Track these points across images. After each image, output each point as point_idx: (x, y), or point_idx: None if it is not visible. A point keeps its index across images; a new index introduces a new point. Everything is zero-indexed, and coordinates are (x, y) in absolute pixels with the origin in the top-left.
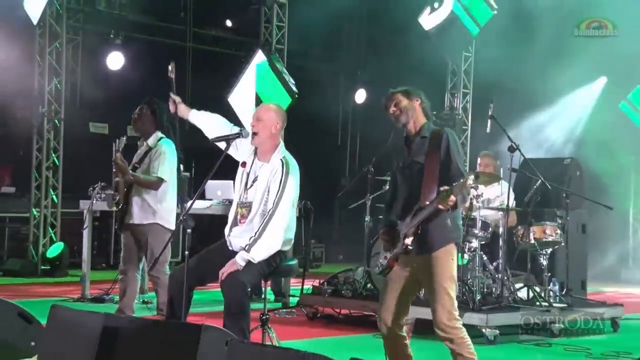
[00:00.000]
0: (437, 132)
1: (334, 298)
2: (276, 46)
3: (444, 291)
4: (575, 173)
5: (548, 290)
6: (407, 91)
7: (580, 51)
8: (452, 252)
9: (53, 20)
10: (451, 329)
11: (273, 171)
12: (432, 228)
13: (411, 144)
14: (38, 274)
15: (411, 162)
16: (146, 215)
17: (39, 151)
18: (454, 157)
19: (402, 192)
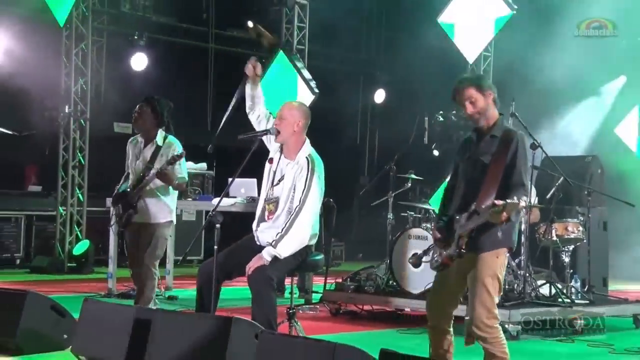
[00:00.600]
0: (508, 135)
1: (357, 294)
2: (297, 47)
3: (485, 289)
4: (596, 170)
5: (570, 287)
6: (481, 84)
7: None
8: (500, 255)
9: (79, 22)
10: (488, 327)
11: (299, 169)
12: (484, 230)
13: (480, 140)
14: (65, 271)
15: (476, 159)
16: (164, 215)
17: (65, 150)
18: (519, 165)
19: (461, 186)
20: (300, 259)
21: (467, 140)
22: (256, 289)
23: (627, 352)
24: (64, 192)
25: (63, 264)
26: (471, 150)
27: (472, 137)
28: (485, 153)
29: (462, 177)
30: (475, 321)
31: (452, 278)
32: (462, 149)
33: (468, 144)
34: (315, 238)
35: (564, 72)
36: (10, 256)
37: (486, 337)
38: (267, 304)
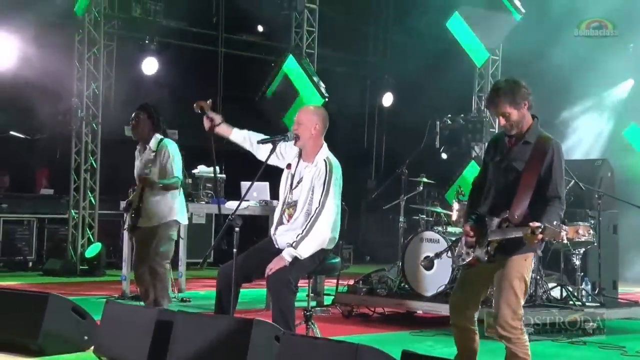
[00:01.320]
0: (543, 142)
1: (369, 297)
2: (306, 50)
3: (512, 290)
4: (606, 174)
5: (581, 289)
6: (515, 99)
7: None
8: (528, 258)
9: (91, 27)
10: (512, 328)
11: (317, 171)
12: (518, 238)
13: (513, 145)
14: (77, 273)
15: (508, 165)
16: (163, 216)
17: (78, 154)
18: (556, 177)
19: (493, 189)
20: (318, 261)
21: (497, 140)
22: (275, 292)
23: (638, 354)
24: (76, 196)
25: (75, 266)
26: (503, 154)
27: (504, 139)
28: (518, 159)
29: (493, 180)
30: (500, 321)
31: (476, 279)
32: (493, 149)
33: (499, 145)
34: (333, 242)
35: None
36: (23, 259)
37: (510, 338)
38: (285, 307)
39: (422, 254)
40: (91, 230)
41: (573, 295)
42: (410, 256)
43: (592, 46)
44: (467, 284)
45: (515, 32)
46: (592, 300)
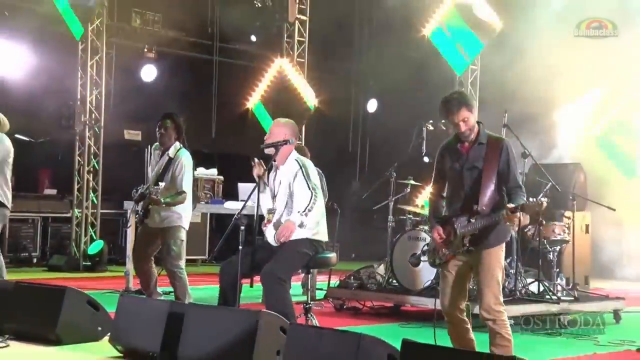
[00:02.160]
0: (495, 141)
1: (360, 291)
2: (297, 59)
3: (494, 279)
4: (579, 177)
5: (556, 284)
6: (469, 104)
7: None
8: (502, 249)
9: (94, 36)
10: (496, 311)
11: (291, 170)
12: (489, 230)
13: (469, 149)
14: (80, 269)
15: (471, 166)
16: (171, 220)
17: (81, 156)
18: (513, 169)
19: (459, 192)
20: (311, 254)
21: (447, 149)
22: (268, 288)
23: (610, 344)
24: (79, 196)
25: (78, 262)
26: (462, 159)
27: (455, 147)
28: (477, 159)
29: (459, 184)
30: (484, 306)
31: (457, 274)
32: (447, 157)
33: (452, 152)
34: (325, 235)
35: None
36: (28, 255)
37: (495, 319)
38: (279, 300)
39: (409, 251)
40: (93, 229)
41: (549, 290)
42: (399, 253)
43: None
44: (450, 281)
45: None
46: (566, 295)
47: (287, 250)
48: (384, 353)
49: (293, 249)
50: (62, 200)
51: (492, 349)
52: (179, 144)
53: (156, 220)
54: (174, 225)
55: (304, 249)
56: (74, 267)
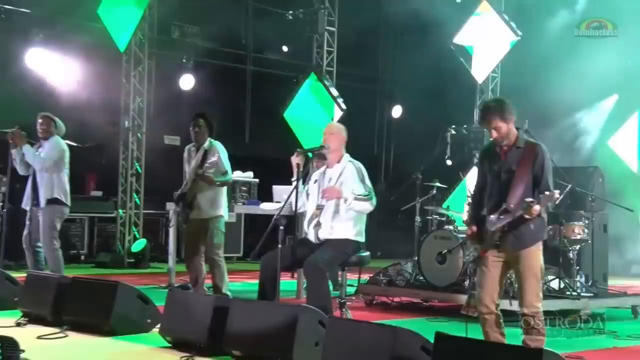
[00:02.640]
0: (531, 146)
1: (389, 287)
2: (326, 68)
3: (534, 277)
4: (597, 180)
5: (576, 281)
6: (504, 115)
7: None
8: (540, 247)
9: (137, 48)
10: (535, 307)
11: (346, 169)
12: (524, 229)
13: (507, 153)
14: (124, 265)
15: (507, 169)
16: (213, 210)
17: (125, 160)
18: (546, 173)
19: (494, 192)
20: (349, 253)
21: (487, 152)
22: (311, 279)
23: (629, 338)
24: (123, 197)
25: (123, 259)
26: (499, 162)
27: (495, 150)
28: (513, 163)
29: (494, 185)
30: (526, 303)
31: (493, 269)
32: (487, 160)
33: (491, 156)
34: (363, 235)
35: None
36: (76, 252)
37: (534, 315)
38: (320, 293)
39: (435, 250)
40: (136, 228)
41: (569, 286)
42: (426, 252)
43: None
44: (487, 278)
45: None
46: (586, 291)
47: (330, 247)
48: (418, 345)
49: (335, 247)
50: (107, 202)
51: (526, 342)
52: (211, 138)
53: (200, 210)
54: (215, 215)
55: (344, 248)
56: (119, 264)
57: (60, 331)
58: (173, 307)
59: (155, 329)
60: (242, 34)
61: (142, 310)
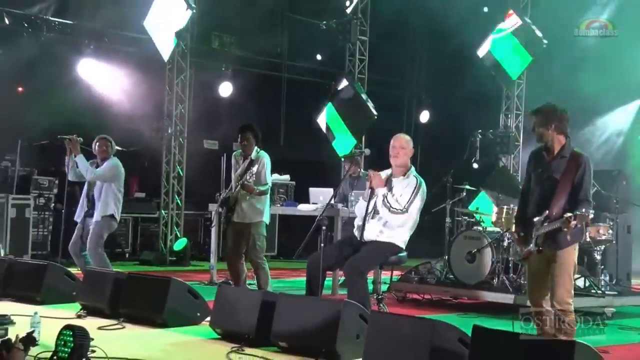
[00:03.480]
0: (576, 156)
1: (420, 285)
2: (358, 76)
3: (567, 276)
4: (621, 182)
5: (601, 280)
6: (545, 119)
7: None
8: (575, 249)
9: (179, 57)
10: (567, 304)
11: (408, 182)
12: (560, 232)
13: (552, 160)
14: (167, 263)
15: (549, 176)
16: (255, 215)
17: (167, 164)
18: (586, 185)
19: (536, 192)
20: (388, 255)
21: (536, 155)
22: (350, 279)
23: None
24: (165, 199)
25: (165, 257)
26: (544, 167)
27: (542, 154)
28: (557, 171)
29: (537, 186)
30: (557, 299)
31: (536, 268)
32: (534, 162)
33: (539, 159)
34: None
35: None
36: (122, 250)
37: (566, 311)
38: (358, 290)
39: (465, 249)
40: (178, 228)
41: (594, 285)
42: (455, 251)
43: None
44: (536, 276)
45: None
46: (610, 290)
47: (371, 249)
48: (456, 337)
49: (376, 249)
50: (150, 203)
51: (557, 335)
52: (259, 149)
53: (242, 215)
54: (257, 220)
55: (385, 251)
56: (162, 262)
57: (118, 323)
58: (223, 302)
59: (204, 322)
60: (278, 43)
61: (192, 304)
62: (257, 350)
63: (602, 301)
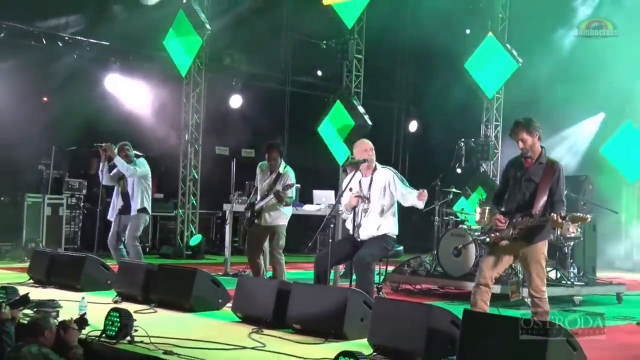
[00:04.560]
0: (552, 163)
1: (412, 276)
2: (355, 90)
3: (540, 266)
4: (588, 187)
5: (570, 272)
6: (529, 129)
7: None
8: (546, 244)
9: (195, 73)
10: (541, 292)
11: (385, 177)
12: (536, 230)
13: (530, 166)
14: (183, 257)
15: (528, 178)
16: (280, 219)
17: (184, 168)
18: (560, 187)
19: (516, 196)
20: (389, 248)
21: (514, 162)
22: (359, 270)
23: (615, 318)
24: (182, 199)
25: (182, 251)
26: (522, 172)
27: (520, 161)
28: (535, 175)
29: (515, 188)
30: (533, 286)
31: (504, 255)
32: (512, 168)
33: (517, 165)
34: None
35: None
36: (142, 245)
37: (541, 297)
38: (367, 281)
39: (452, 245)
40: (193, 225)
41: (565, 276)
42: (443, 247)
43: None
44: (495, 259)
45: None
46: (578, 280)
47: (374, 243)
48: (449, 320)
49: (379, 243)
50: (167, 203)
51: (534, 318)
52: (284, 163)
53: (267, 219)
54: (281, 223)
55: (385, 244)
56: (179, 255)
57: (150, 307)
58: (243, 290)
59: (225, 307)
60: (282, 60)
61: (215, 292)
62: (275, 332)
63: (572, 290)
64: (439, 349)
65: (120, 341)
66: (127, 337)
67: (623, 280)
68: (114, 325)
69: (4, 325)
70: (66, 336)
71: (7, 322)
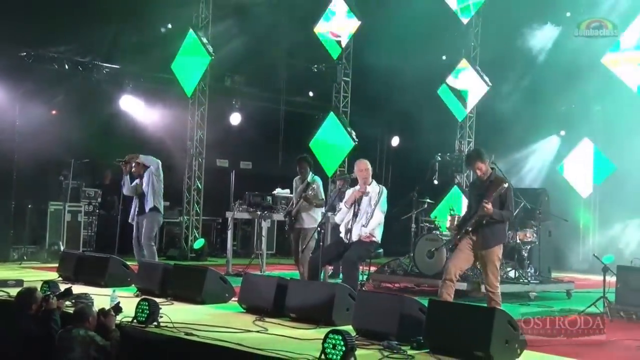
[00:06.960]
0: (499, 180)
1: (392, 275)
2: (342, 109)
3: (494, 266)
4: (544, 198)
5: (527, 272)
6: (482, 157)
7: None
8: (500, 247)
9: (200, 94)
10: (495, 287)
11: (376, 191)
12: (491, 233)
13: (482, 184)
14: (188, 259)
15: (480, 193)
16: (312, 222)
17: (189, 179)
18: (509, 201)
19: (473, 206)
20: (372, 250)
21: (473, 184)
22: (346, 269)
23: (562, 311)
24: (187, 207)
25: (187, 254)
26: (477, 189)
27: (477, 182)
28: (485, 190)
29: (473, 202)
30: (488, 282)
31: (466, 253)
32: (472, 189)
33: (476, 186)
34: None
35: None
36: None
37: (494, 292)
38: (352, 279)
39: (426, 248)
40: (197, 230)
41: (522, 275)
42: (419, 250)
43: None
44: (458, 258)
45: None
46: (534, 279)
47: (360, 246)
48: (417, 307)
49: (364, 246)
50: (173, 210)
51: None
52: (312, 173)
53: (302, 221)
54: (312, 226)
55: (370, 248)
56: (184, 257)
57: (167, 300)
58: (247, 285)
59: (231, 301)
60: (278, 82)
61: (222, 287)
62: (274, 319)
63: (528, 287)
64: (409, 331)
65: (148, 325)
66: (154, 322)
67: (575, 279)
68: (144, 313)
69: (53, 313)
70: (106, 321)
71: (55, 311)
